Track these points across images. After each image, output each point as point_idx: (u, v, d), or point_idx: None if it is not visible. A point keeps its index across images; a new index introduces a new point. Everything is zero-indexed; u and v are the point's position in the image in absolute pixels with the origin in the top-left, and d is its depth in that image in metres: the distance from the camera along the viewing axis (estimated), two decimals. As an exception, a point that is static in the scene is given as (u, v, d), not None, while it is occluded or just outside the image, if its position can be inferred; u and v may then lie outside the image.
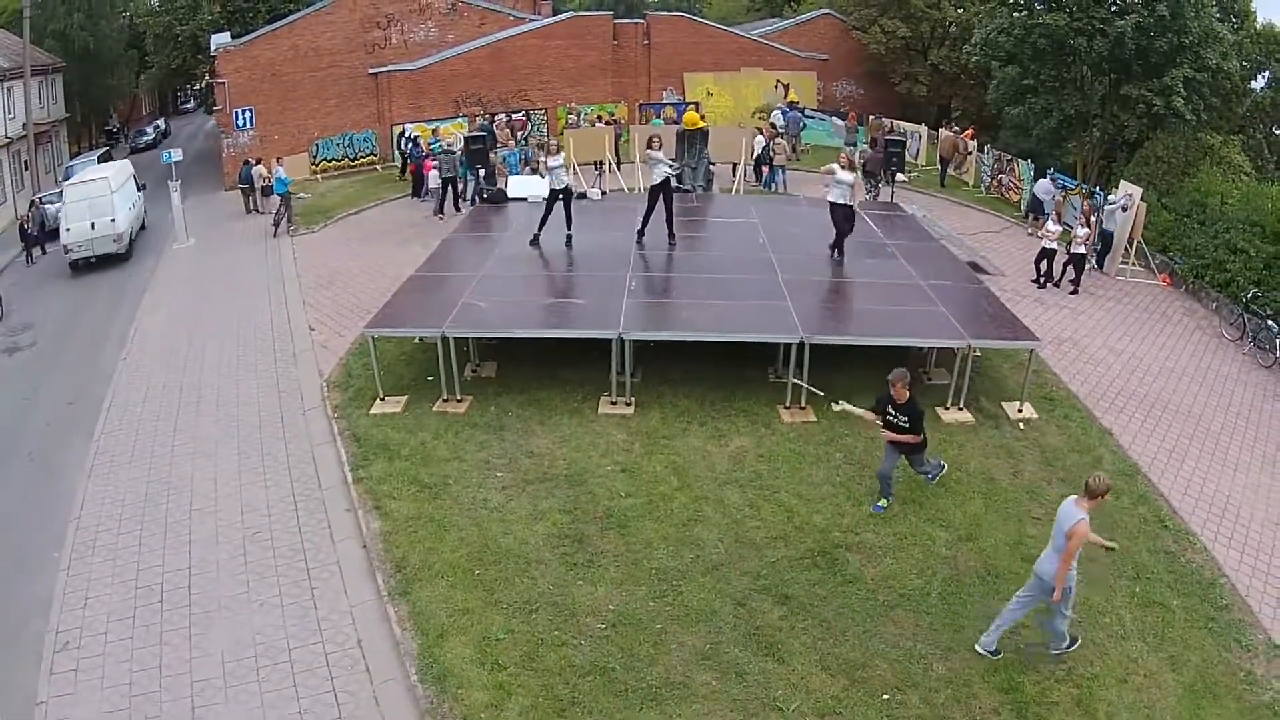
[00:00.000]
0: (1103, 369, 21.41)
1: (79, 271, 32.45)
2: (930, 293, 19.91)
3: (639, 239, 22.74)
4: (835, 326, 18.44)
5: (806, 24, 54.65)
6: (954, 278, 21.34)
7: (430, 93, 44.46)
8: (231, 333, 24.18)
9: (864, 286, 20.66)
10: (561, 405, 18.05)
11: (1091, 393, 20.04)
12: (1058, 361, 21.37)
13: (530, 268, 21.71)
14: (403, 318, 18.57)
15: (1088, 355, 22.14)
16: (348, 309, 24.70)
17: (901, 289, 20.28)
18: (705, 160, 29.98)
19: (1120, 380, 20.92)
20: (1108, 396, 20.01)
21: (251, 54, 41.71)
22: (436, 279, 20.70)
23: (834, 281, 21.01)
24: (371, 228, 32.86)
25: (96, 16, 60.07)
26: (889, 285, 20.56)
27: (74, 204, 31.76)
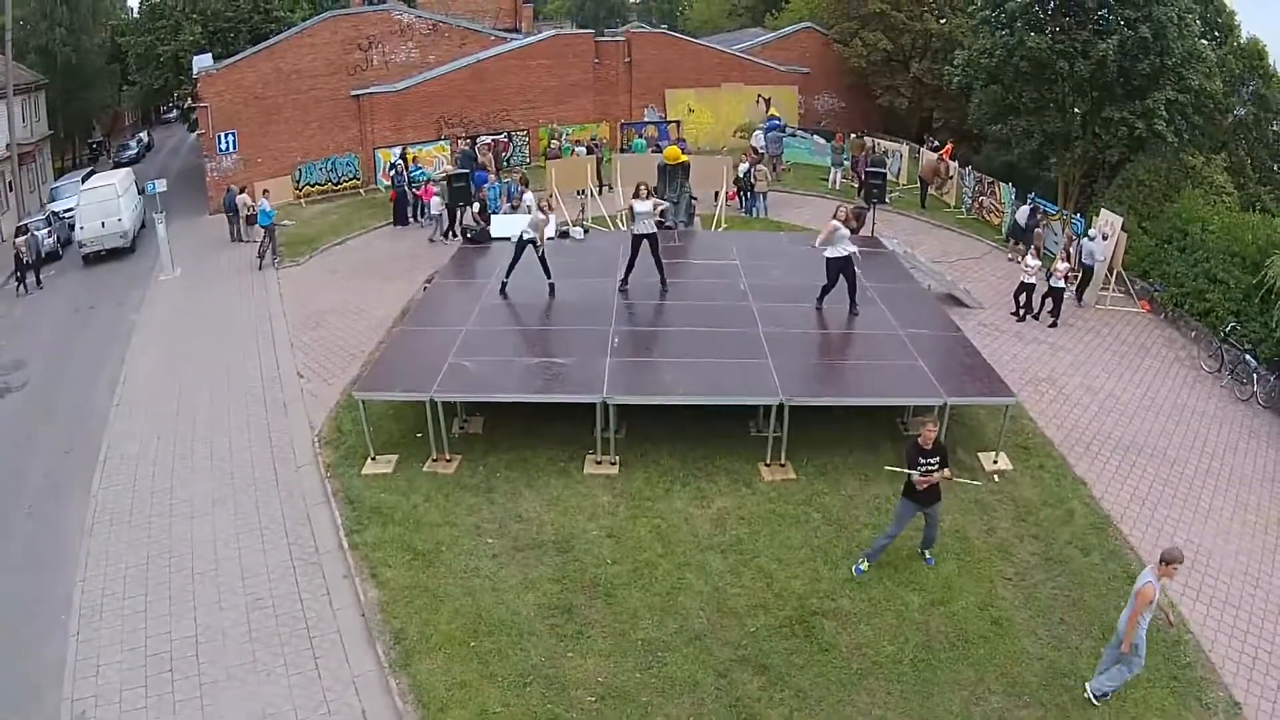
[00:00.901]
0: (1079, 410, 21.78)
1: (90, 263, 38.04)
2: (909, 344, 20.28)
3: (622, 289, 23.12)
4: (814, 387, 18.83)
5: (788, 38, 54.88)
6: (933, 325, 21.69)
7: (412, 114, 44.68)
8: (221, 379, 24.32)
9: (843, 339, 21.09)
10: (548, 464, 18.42)
11: (1067, 438, 20.40)
12: (1034, 404, 21.74)
13: (514, 321, 22.00)
14: (390, 380, 18.85)
15: (1065, 395, 22.49)
16: (335, 352, 24.97)
17: (880, 341, 20.66)
18: (687, 194, 30.19)
19: (1096, 423, 21.26)
20: (1083, 441, 20.35)
21: (233, 77, 41.84)
22: (422, 334, 20.97)
23: (813, 334, 21.32)
24: (356, 260, 33.07)
25: (78, 31, 60.10)
26: (868, 337, 20.95)
27: (87, 207, 37.49)
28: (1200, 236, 29.02)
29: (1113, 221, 29.02)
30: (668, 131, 47.63)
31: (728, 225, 33.86)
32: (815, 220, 34.76)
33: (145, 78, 52.15)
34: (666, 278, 23.23)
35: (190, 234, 40.26)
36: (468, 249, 27.24)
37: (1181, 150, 35.34)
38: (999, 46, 37.11)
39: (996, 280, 30.91)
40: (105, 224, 37.41)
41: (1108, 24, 35.66)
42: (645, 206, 22.58)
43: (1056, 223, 33.02)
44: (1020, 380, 22.69)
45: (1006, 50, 36.83)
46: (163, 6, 49.32)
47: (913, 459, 14.84)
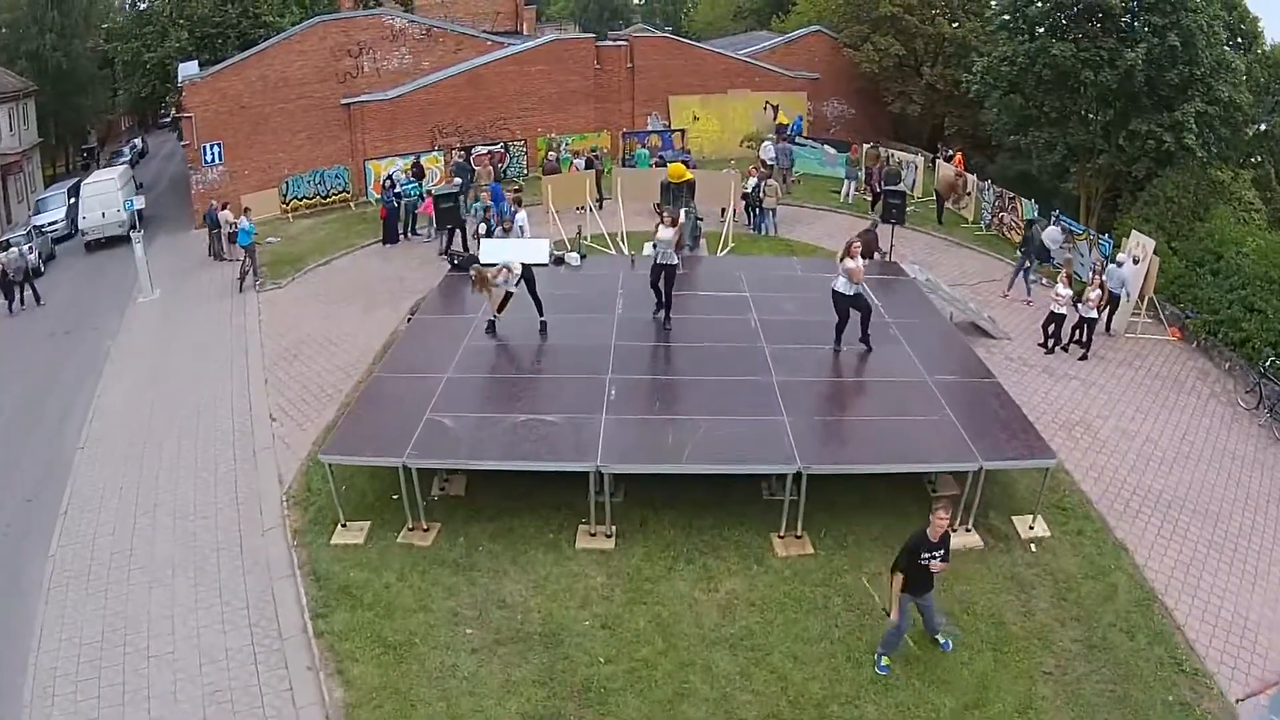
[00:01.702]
0: (1116, 459, 20.19)
1: (92, 250, 41.62)
2: (937, 392, 18.51)
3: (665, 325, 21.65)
4: (835, 450, 16.91)
5: (796, 42, 52.94)
6: (962, 369, 19.92)
7: (405, 124, 42.86)
8: (190, 420, 22.63)
9: (865, 388, 19.30)
10: (536, 536, 16.59)
11: (1105, 494, 18.81)
12: (1069, 452, 20.12)
13: (500, 367, 20.15)
14: (360, 440, 16.98)
15: (1100, 442, 20.90)
16: (311, 391, 23.27)
17: (906, 390, 18.82)
18: (693, 215, 28.28)
19: (1135, 475, 19.66)
20: (1122, 497, 18.77)
21: (218, 86, 39.98)
22: (397, 382, 19.12)
23: (832, 383, 19.57)
24: (340, 283, 31.30)
25: (69, 36, 58.80)
26: (892, 385, 19.10)
27: (89, 199, 41.68)
28: (1236, 261, 27.35)
29: (1144, 244, 27.24)
30: (671, 141, 45.93)
31: (735, 245, 32.04)
32: (827, 237, 33.33)
33: (132, 85, 50.60)
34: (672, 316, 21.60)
35: (174, 249, 38.84)
36: (454, 277, 25.28)
37: (1210, 165, 33.59)
38: (1020, 54, 35.38)
39: (1021, 306, 29.33)
40: (105, 214, 41.03)
41: (1133, 31, 33.86)
42: (668, 235, 21.00)
43: (1083, 242, 31.14)
44: (1053, 425, 21.23)
45: (1028, 58, 35.15)
46: (150, 12, 47.74)
47: (914, 551, 13.08)
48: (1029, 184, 44.08)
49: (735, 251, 31.56)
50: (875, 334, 20.90)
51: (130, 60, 48.61)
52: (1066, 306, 25.32)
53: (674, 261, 21.19)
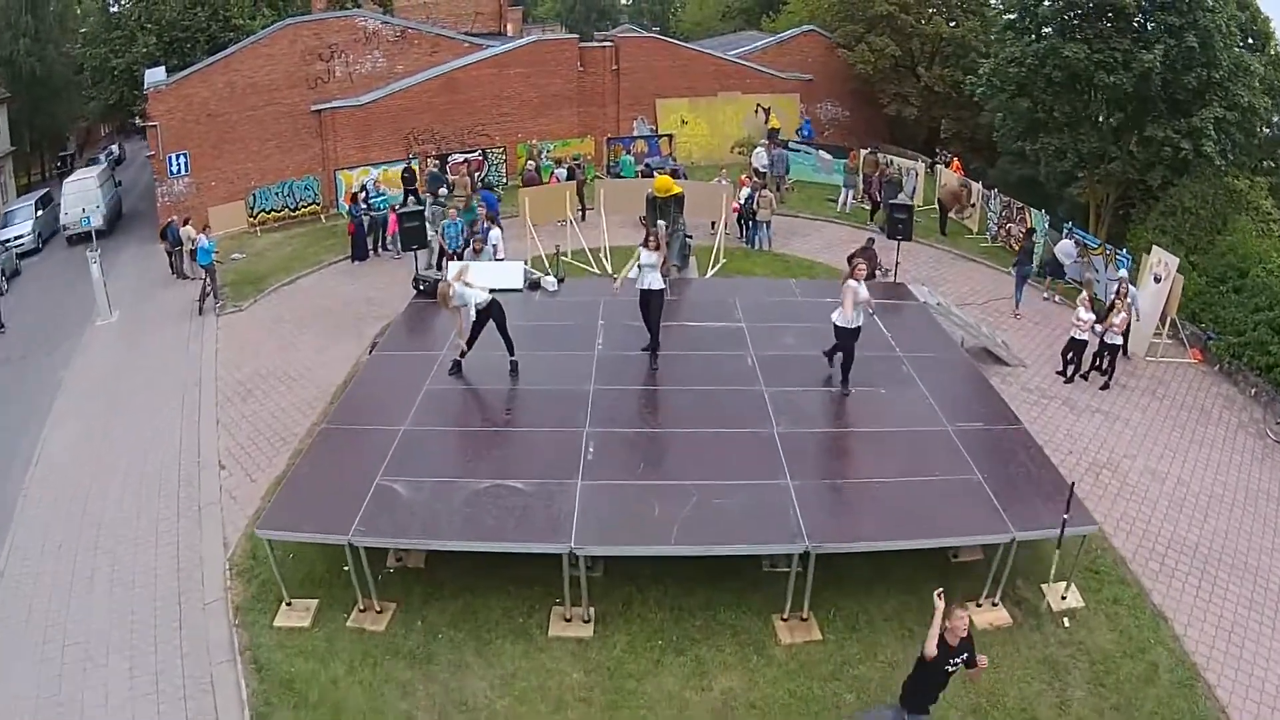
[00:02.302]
0: (1148, 507, 18.53)
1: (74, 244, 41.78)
2: (960, 445, 16.46)
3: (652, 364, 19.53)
4: (848, 524, 14.60)
5: (788, 42, 50.63)
6: (985, 414, 17.83)
7: (378, 130, 40.70)
8: (136, 466, 20.67)
9: (879, 441, 17.01)
10: (503, 620, 14.51)
11: (1139, 549, 17.15)
12: (1098, 500, 18.34)
13: (464, 417, 18.00)
14: (302, 511, 14.78)
15: (1129, 487, 19.24)
16: (263, 434, 21.30)
17: (926, 442, 16.70)
18: (681, 232, 26.08)
19: (1168, 524, 18.04)
20: (1156, 553, 17.10)
21: (184, 93, 37.82)
22: (349, 436, 16.97)
23: (842, 434, 17.39)
24: (303, 306, 29.28)
25: (44, 41, 56.65)
26: (910, 437, 16.94)
27: (70, 196, 42.91)
28: (1263, 279, 25.72)
29: (1167, 261, 25.59)
30: (658, 147, 43.96)
31: (726, 261, 29.95)
32: (825, 251, 31.56)
33: (101, 92, 48.24)
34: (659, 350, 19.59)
35: (140, 264, 36.94)
36: (420, 305, 23.08)
37: (1227, 173, 31.74)
38: (1029, 55, 33.43)
39: (1033, 327, 27.72)
40: (85, 210, 40.68)
41: (1148, 32, 31.93)
42: (651, 259, 18.94)
43: (1098, 257, 29.23)
44: (1079, 466, 19.50)
45: (1037, 59, 33.18)
46: (118, 16, 45.49)
47: (938, 662, 11.01)
48: (1032, 189, 42.22)
49: (727, 269, 29.55)
50: (887, 373, 19.03)
51: (98, 66, 46.33)
52: (1088, 332, 23.53)
53: (659, 287, 19.11)
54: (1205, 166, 31.72)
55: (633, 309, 19.81)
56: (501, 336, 18.76)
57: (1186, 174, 32.13)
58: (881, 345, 20.26)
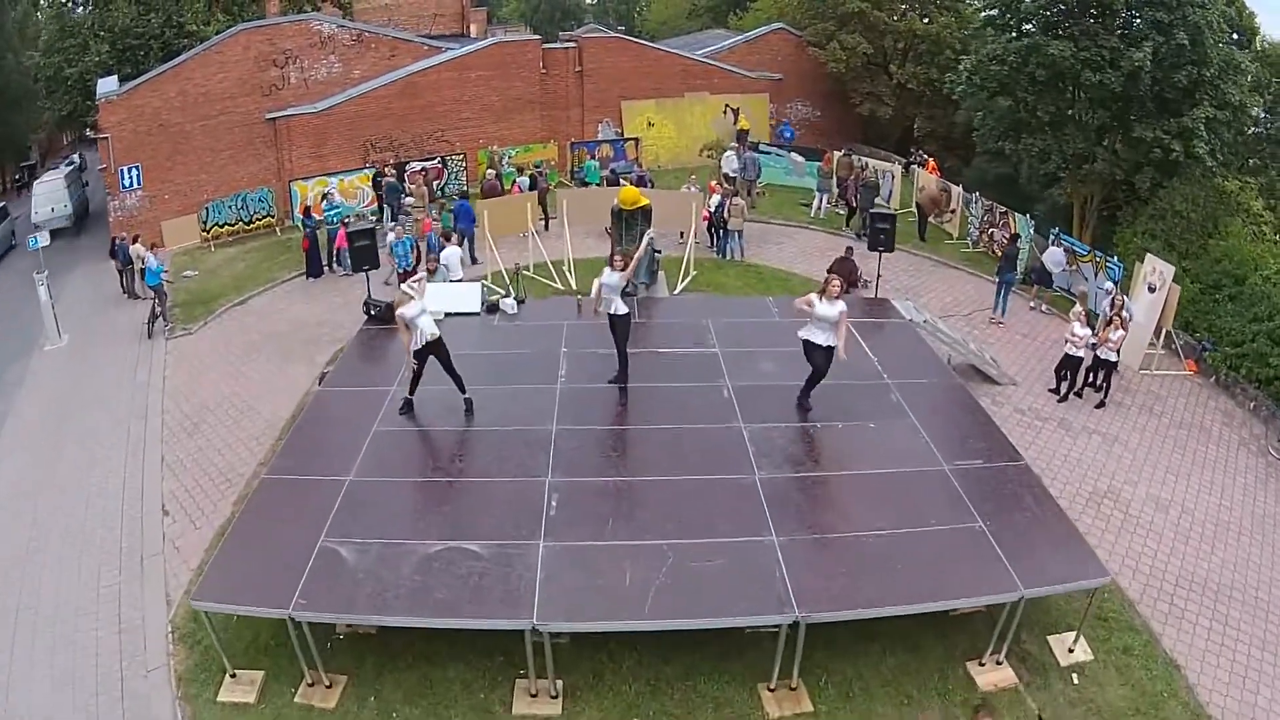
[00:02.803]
0: (1153, 540, 17.66)
1: None
2: (960, 488, 15.16)
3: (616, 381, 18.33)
4: (842, 586, 12.99)
5: (757, 40, 49.14)
6: (985, 450, 16.48)
7: (334, 138, 39.03)
8: (78, 512, 19.16)
9: (871, 485, 15.51)
10: (463, 695, 13.09)
11: (1146, 588, 16.29)
12: (1101, 534, 17.44)
13: (415, 464, 16.47)
14: (239, 580, 13.24)
15: (1132, 518, 18.30)
16: (209, 474, 19.86)
17: (922, 485, 15.35)
18: (650, 247, 24.52)
19: (1175, 558, 17.24)
20: (1165, 592, 16.24)
21: (135, 103, 36.00)
22: (290, 488, 15.45)
23: (830, 480, 15.84)
24: (253, 329, 27.73)
25: (2, 50, 54.77)
26: (905, 480, 15.52)
27: (40, 195, 44.10)
28: (1261, 288, 24.70)
29: (1162, 271, 24.63)
30: (624, 151, 42.48)
31: (697, 272, 28.65)
32: (800, 259, 30.36)
33: (55, 102, 46.37)
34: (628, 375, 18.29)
35: (91, 281, 35.05)
36: (371, 331, 21.58)
37: (1216, 174, 30.69)
38: (1011, 52, 32.21)
39: (1021, 339, 26.59)
40: (54, 209, 43.43)
41: (1135, 29, 30.77)
42: (613, 279, 17.56)
43: (1088, 264, 28.11)
44: (1078, 496, 18.64)
45: (1020, 57, 31.95)
46: (71, 24, 43.57)
47: None
48: (1010, 188, 41.22)
49: (698, 282, 28.20)
50: (875, 404, 17.77)
51: (52, 76, 44.38)
52: (1084, 349, 22.41)
53: (623, 312, 17.70)
54: (1194, 168, 30.66)
55: (597, 332, 18.58)
56: (449, 376, 17.30)
57: (1176, 176, 31.03)
58: (868, 371, 18.95)
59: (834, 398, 17.52)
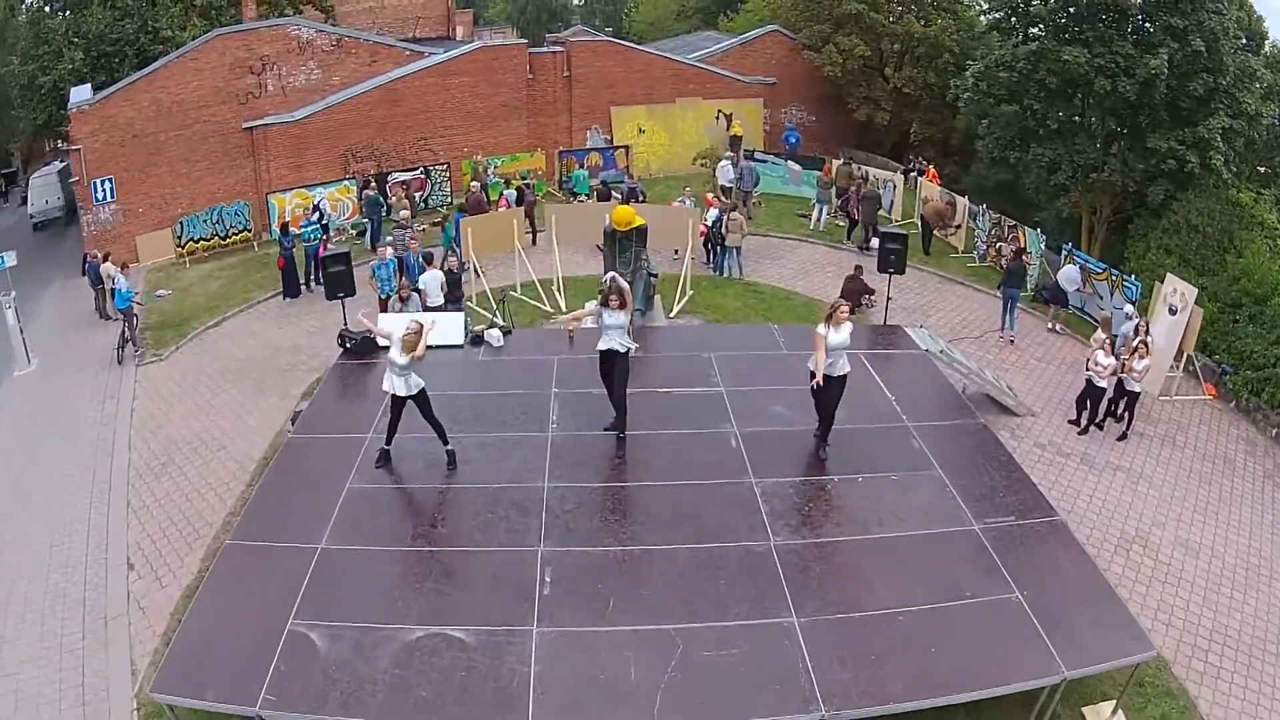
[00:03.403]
0: (1185, 589, 16.65)
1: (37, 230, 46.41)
2: (991, 551, 13.90)
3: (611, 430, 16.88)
4: (871, 676, 11.52)
5: (751, 44, 47.63)
6: (1016, 504, 15.16)
7: (313, 148, 37.60)
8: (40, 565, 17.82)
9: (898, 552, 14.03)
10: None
11: (1180, 646, 15.26)
12: (1133, 586, 16.43)
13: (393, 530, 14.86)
14: (202, 669, 11.79)
15: (1163, 564, 17.31)
16: (176, 523, 18.56)
17: (951, 548, 14.04)
18: (644, 271, 23.10)
19: (1209, 610, 16.24)
20: (1199, 649, 15.26)
21: (107, 113, 34.55)
22: (256, 560, 14.00)
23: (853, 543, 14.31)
24: (226, 355, 26.36)
25: (-21, 56, 53.08)
26: (932, 542, 14.16)
27: (36, 189, 47.45)
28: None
29: (1184, 291, 23.43)
30: (614, 159, 41.23)
31: (694, 292, 27.28)
32: (801, 277, 29.28)
33: (28, 111, 44.84)
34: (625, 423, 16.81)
35: (66, 299, 33.82)
36: (346, 367, 20.14)
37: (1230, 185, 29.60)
38: (1020, 58, 30.98)
39: (1036, 363, 25.36)
40: (48, 201, 46.88)
41: (1149, 34, 29.60)
42: (618, 319, 16.26)
43: (1102, 282, 26.90)
44: (1106, 543, 17.54)
45: (1030, 63, 30.73)
46: (47, 31, 41.99)
47: None
48: (1010, 197, 40.08)
49: (695, 302, 26.84)
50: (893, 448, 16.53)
51: (26, 84, 42.99)
52: (1108, 380, 21.17)
53: (625, 349, 16.39)
54: (1207, 179, 29.53)
55: (591, 368, 17.13)
56: (429, 423, 15.91)
57: (1190, 188, 29.88)
58: (886, 412, 17.67)
59: (852, 444, 16.34)
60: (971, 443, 17.28)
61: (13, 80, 46.09)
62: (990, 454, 16.93)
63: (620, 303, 16.26)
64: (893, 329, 22.40)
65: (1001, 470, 16.36)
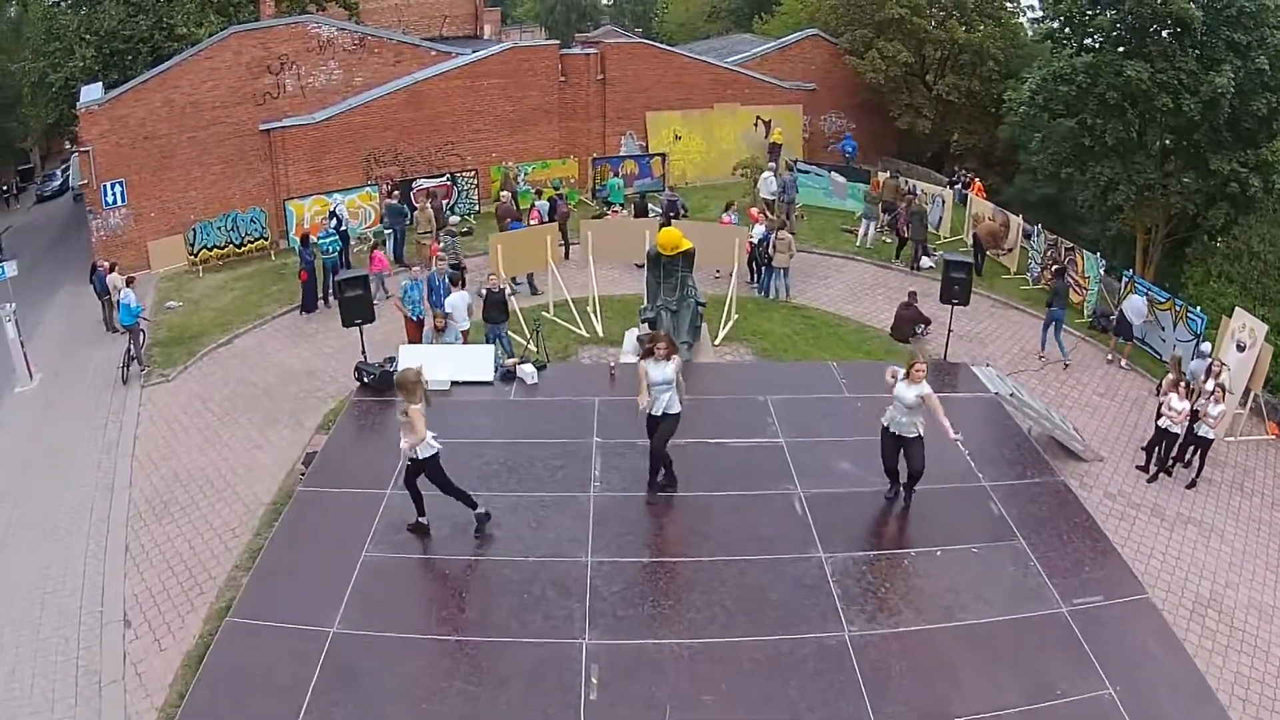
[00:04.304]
0: (1260, 660, 15.41)
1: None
2: (1082, 639, 12.14)
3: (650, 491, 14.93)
4: None
5: (790, 48, 45.97)
6: (1104, 581, 13.40)
7: (334, 151, 36.00)
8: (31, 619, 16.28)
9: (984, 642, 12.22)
10: None
11: None
12: (1209, 656, 15.08)
13: (413, 610, 13.03)
14: None
15: (1238, 631, 16.02)
16: (177, 574, 16.95)
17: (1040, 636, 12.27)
18: (691, 300, 21.04)
19: None
20: None
21: (118, 113, 32.98)
22: (259, 641, 12.23)
23: (936, 633, 12.44)
24: (237, 379, 24.70)
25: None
26: (1020, 630, 12.35)
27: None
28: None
29: (1253, 327, 21.94)
30: (650, 167, 39.51)
31: (739, 317, 25.61)
32: (850, 300, 27.91)
33: (39, 110, 43.44)
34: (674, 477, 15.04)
35: (73, 306, 32.52)
36: (364, 405, 18.23)
37: (1289, 210, 28.16)
38: (1079, 72, 29.21)
39: (1099, 399, 23.79)
40: None
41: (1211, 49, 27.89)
42: (664, 373, 14.24)
43: (1165, 312, 25.13)
44: (1181, 608, 16.31)
45: (1090, 76, 28.99)
46: (58, 27, 40.41)
47: None
48: (1053, 211, 38.60)
49: (740, 328, 25.15)
50: (975, 513, 14.93)
51: (37, 81, 41.57)
52: (1181, 425, 19.65)
53: (676, 411, 14.50)
54: (1268, 202, 27.87)
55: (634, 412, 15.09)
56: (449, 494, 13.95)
57: (1251, 212, 28.22)
58: (961, 469, 15.89)
59: (928, 507, 14.70)
60: (1053, 505, 15.53)
61: (23, 77, 44.48)
62: (1072, 519, 15.21)
63: (668, 350, 14.39)
64: (956, 367, 20.59)
65: (1086, 538, 14.66)
